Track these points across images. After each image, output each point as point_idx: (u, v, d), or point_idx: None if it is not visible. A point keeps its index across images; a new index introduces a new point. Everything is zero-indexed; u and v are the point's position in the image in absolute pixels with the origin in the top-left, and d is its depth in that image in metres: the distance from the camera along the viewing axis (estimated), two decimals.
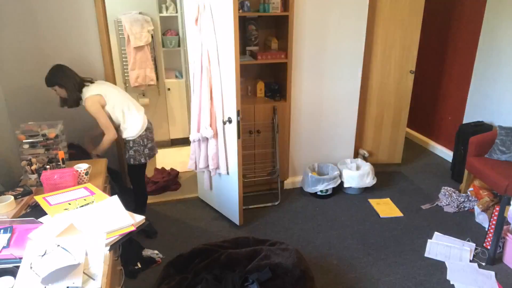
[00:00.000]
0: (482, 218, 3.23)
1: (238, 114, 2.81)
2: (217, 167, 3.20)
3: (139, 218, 1.80)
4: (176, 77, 4.67)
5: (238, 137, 2.87)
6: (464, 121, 4.17)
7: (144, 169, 3.11)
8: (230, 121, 2.91)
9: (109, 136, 2.80)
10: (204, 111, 3.08)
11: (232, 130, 2.92)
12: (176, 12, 4.40)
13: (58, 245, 1.49)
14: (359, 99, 3.75)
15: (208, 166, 3.27)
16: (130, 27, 4.16)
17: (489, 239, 2.86)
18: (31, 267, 1.39)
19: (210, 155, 3.18)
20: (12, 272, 1.45)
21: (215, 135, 3.12)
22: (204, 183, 3.44)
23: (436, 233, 3.12)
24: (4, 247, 1.56)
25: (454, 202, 3.46)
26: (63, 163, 2.32)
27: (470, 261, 2.80)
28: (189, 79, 3.39)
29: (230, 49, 2.70)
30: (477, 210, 3.28)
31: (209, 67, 2.99)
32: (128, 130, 2.88)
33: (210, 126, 3.10)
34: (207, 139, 3.16)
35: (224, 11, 2.68)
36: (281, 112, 3.50)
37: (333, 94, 3.63)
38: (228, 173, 3.14)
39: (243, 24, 3.45)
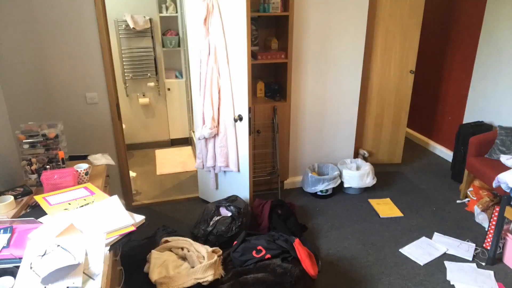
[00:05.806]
0: (482, 218, 3.23)
1: (249, 111, 2.85)
2: (227, 165, 3.20)
3: (139, 218, 1.80)
4: (176, 77, 4.67)
5: (250, 133, 2.91)
6: (464, 121, 4.17)
7: None
8: (241, 118, 2.94)
9: None
10: (207, 110, 3.08)
11: (243, 127, 2.96)
12: (176, 12, 4.40)
13: (58, 245, 1.49)
14: (359, 99, 3.75)
15: (215, 165, 3.27)
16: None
17: (489, 239, 2.86)
18: (31, 267, 1.39)
19: (218, 153, 3.17)
20: (12, 272, 1.45)
21: (222, 133, 3.12)
22: (210, 183, 3.44)
23: (435, 233, 3.12)
24: (4, 247, 1.56)
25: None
26: (63, 163, 2.32)
27: (470, 261, 2.80)
28: (189, 79, 3.39)
29: (240, 48, 2.74)
30: (477, 210, 3.27)
31: (217, 66, 2.99)
32: None
33: (218, 125, 3.11)
34: (214, 137, 3.16)
35: (234, 11, 2.71)
36: (281, 112, 3.50)
37: (333, 94, 3.63)
38: (239, 171, 3.14)
39: None
